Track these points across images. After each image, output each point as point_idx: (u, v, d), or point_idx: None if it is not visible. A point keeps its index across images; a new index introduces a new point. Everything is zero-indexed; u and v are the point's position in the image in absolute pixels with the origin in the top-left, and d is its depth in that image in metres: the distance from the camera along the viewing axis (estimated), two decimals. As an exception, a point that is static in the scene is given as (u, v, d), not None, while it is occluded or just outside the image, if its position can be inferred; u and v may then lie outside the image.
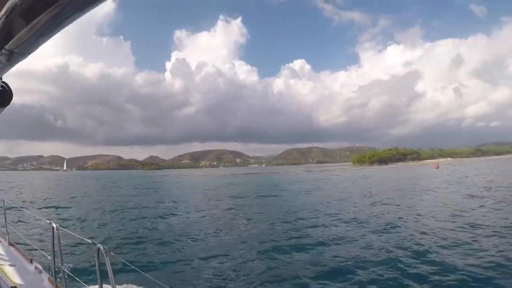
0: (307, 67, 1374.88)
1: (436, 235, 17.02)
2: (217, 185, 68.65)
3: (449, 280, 11.21)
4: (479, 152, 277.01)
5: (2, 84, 1.89)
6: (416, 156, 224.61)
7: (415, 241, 15.98)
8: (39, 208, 32.00)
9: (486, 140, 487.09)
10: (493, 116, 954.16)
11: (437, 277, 11.43)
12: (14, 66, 1.44)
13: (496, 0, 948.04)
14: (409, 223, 20.93)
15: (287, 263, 13.63)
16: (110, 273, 3.83)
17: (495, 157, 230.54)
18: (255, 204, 34.02)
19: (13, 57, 1.33)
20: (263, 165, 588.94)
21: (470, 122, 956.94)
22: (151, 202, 37.50)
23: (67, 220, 25.59)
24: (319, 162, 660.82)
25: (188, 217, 26.32)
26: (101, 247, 3.93)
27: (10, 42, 1.23)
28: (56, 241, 5.14)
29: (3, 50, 1.28)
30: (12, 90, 2.13)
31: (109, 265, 3.86)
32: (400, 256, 13.64)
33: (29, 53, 1.35)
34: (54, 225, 5.10)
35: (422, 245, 15.19)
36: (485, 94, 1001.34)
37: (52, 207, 33.60)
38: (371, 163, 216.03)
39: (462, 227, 18.75)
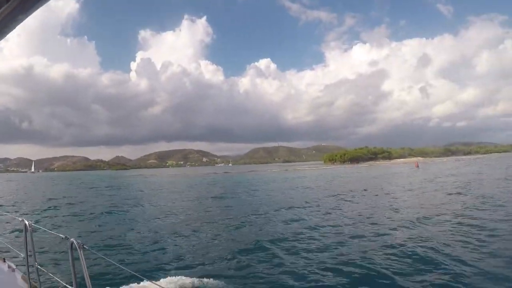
0: (273, 66, 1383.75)
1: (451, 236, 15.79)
2: (197, 185, 66.80)
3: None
4: (449, 151, 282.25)
5: None
6: (387, 155, 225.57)
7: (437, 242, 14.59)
8: (23, 212, 30.40)
9: (453, 139, 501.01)
10: (460, 116, 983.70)
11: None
12: None
13: (463, 0, 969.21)
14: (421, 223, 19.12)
15: (274, 264, 12.77)
16: (84, 267, 3.72)
17: (464, 156, 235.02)
18: (241, 202, 32.97)
19: None
20: (230, 164, 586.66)
21: (437, 122, 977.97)
22: (128, 202, 36.51)
23: (44, 219, 25.59)
24: (285, 161, 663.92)
25: (167, 216, 25.69)
26: (75, 241, 3.83)
27: None
28: (28, 238, 5.08)
29: None
30: None
31: (83, 259, 3.75)
32: (416, 256, 12.66)
33: (7, 33, 1.27)
34: (27, 222, 5.04)
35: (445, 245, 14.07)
36: (452, 94, 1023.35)
37: (28, 209, 33.00)
38: (343, 161, 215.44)
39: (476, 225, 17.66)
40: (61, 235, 4.32)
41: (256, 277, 11.32)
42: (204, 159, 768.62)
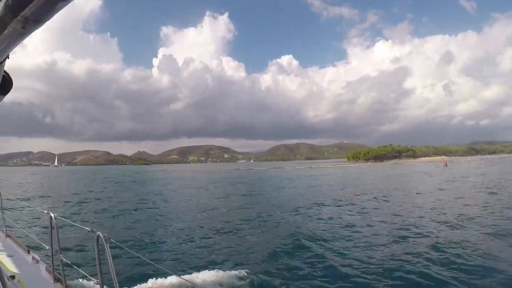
0: (295, 62, 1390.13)
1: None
2: (222, 181, 66.28)
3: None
4: (473, 150, 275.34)
5: (3, 70, 1.65)
6: (412, 153, 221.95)
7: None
8: (49, 206, 30.05)
9: (476, 138, 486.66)
10: (484, 114, 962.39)
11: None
12: (28, 36, 1.30)
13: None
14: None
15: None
16: (110, 260, 3.74)
17: (489, 156, 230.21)
18: (271, 199, 32.36)
19: (28, 25, 1.23)
20: (251, 161, 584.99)
21: (460, 120, 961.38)
22: (154, 198, 36.31)
23: (70, 213, 25.54)
24: (307, 158, 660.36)
25: (195, 212, 25.33)
26: (101, 234, 3.86)
27: (26, 9, 1.13)
28: (54, 231, 5.15)
29: (18, 17, 1.17)
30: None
31: (109, 252, 3.77)
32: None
33: (45, 21, 1.24)
34: (52, 215, 5.10)
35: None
36: (475, 92, 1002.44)
37: (54, 203, 32.93)
38: (366, 159, 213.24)
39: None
40: (87, 228, 4.38)
41: (293, 276, 11.08)
42: (226, 155, 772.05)
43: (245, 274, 10.74)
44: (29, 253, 6.70)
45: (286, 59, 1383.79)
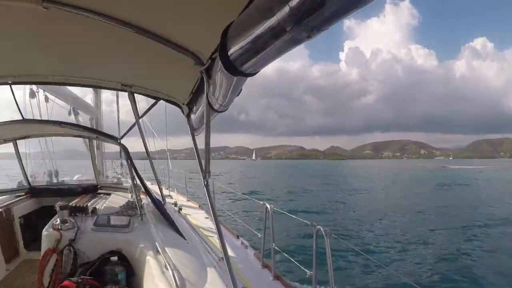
0: (490, 45, 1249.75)
1: None
2: (439, 180, 56.39)
3: None
4: None
5: None
6: None
7: None
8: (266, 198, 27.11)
9: None
10: None
11: None
12: (300, 44, 1.61)
13: None
14: None
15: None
16: (328, 255, 3.81)
17: None
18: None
19: (313, 34, 1.39)
20: (450, 158, 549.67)
21: None
22: (369, 194, 36.00)
23: (285, 206, 24.39)
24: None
25: (427, 216, 22.46)
26: (321, 229, 3.96)
27: (311, 17, 1.24)
28: (268, 221, 5.55)
29: (302, 25, 1.34)
30: None
31: (329, 247, 3.84)
32: None
33: (324, 30, 1.43)
34: (268, 206, 5.47)
35: None
36: None
37: (266, 194, 33.90)
38: None
39: None
40: (306, 222, 4.59)
41: None
42: (422, 151, 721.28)
43: None
44: (238, 238, 7.05)
45: (479, 42, 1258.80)
